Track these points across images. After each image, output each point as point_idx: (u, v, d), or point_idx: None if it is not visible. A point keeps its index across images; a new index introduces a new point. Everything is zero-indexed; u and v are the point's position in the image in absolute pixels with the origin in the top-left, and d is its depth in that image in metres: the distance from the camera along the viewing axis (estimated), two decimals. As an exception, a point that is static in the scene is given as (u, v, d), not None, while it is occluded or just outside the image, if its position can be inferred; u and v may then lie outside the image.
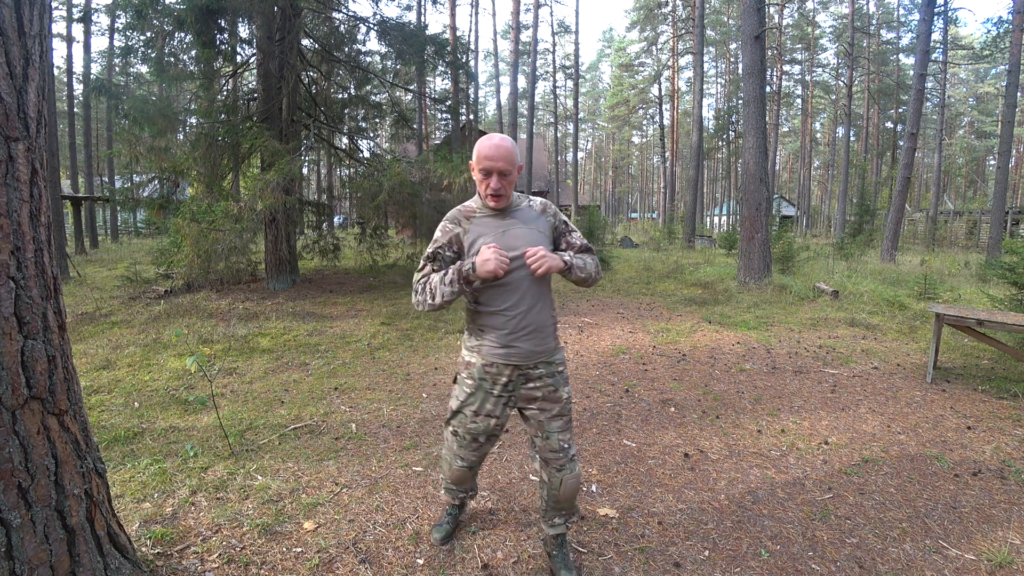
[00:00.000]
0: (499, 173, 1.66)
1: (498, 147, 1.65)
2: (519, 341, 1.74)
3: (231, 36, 8.18)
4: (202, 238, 6.55)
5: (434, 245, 1.77)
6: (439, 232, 1.78)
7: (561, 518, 1.90)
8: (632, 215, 60.47)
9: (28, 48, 1.49)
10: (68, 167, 21.65)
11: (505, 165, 1.65)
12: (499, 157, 1.65)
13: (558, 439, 1.80)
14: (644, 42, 36.01)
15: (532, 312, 1.74)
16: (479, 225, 1.75)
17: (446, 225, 1.78)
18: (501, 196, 1.70)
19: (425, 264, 1.77)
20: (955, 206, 29.82)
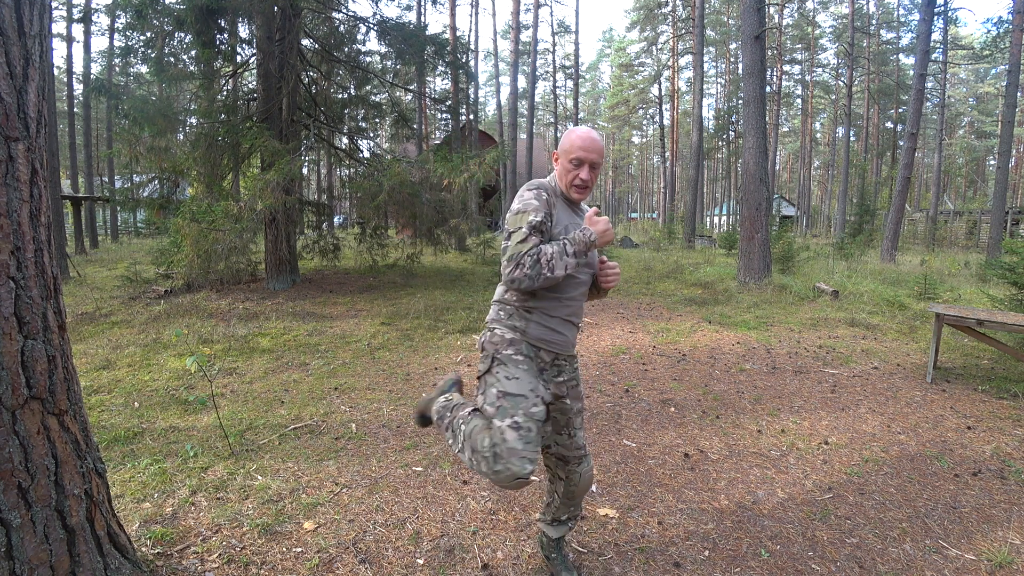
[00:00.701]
0: (591, 165, 1.66)
1: (594, 140, 1.66)
2: (565, 328, 1.71)
3: (231, 36, 8.18)
4: (202, 238, 6.55)
5: (537, 215, 1.59)
6: (535, 201, 1.61)
7: (567, 515, 1.90)
8: (632, 215, 60.48)
9: (28, 48, 1.49)
10: (68, 167, 21.65)
11: (598, 158, 1.66)
12: (594, 149, 1.65)
13: (580, 436, 1.81)
14: (644, 42, 36.00)
15: (581, 307, 1.77)
16: (561, 208, 1.70)
17: (541, 194, 1.64)
18: (587, 188, 1.70)
19: (531, 234, 1.57)
20: (955, 206, 29.82)
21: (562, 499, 1.86)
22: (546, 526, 1.93)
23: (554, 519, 1.91)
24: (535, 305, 1.67)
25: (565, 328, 1.71)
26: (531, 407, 1.56)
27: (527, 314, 1.68)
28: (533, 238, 1.57)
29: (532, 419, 1.54)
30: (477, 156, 8.27)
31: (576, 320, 1.75)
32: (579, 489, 1.83)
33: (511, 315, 1.70)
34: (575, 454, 1.79)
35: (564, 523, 1.91)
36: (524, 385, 1.59)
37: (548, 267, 1.54)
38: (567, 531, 1.93)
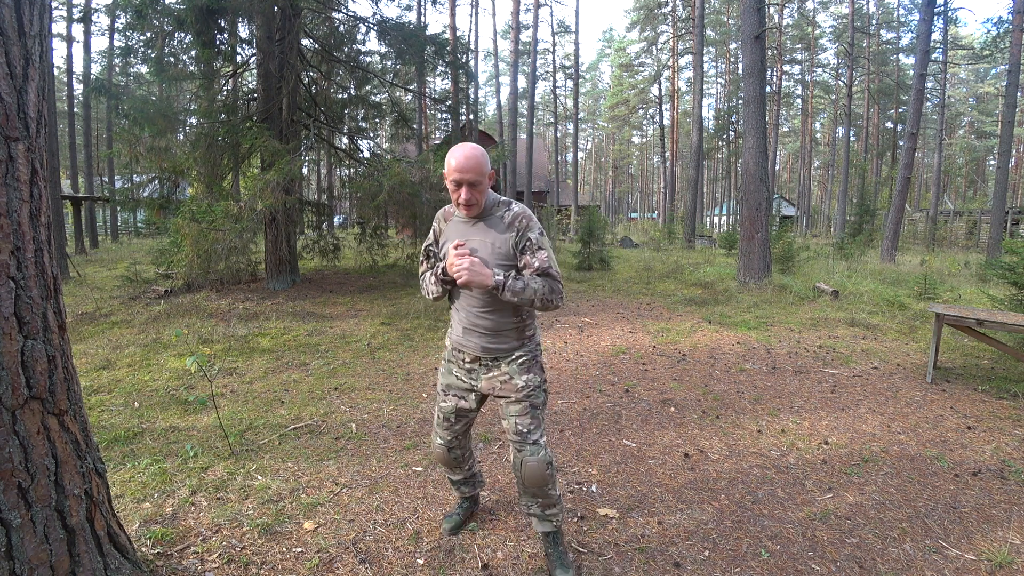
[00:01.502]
0: (469, 184, 1.72)
1: (468, 158, 1.69)
2: (472, 337, 1.88)
3: (231, 36, 8.17)
4: (202, 238, 6.55)
5: (426, 243, 1.98)
6: (431, 230, 1.98)
7: (537, 507, 1.91)
8: (632, 215, 60.47)
9: (28, 48, 1.49)
10: (68, 167, 21.65)
11: (474, 176, 1.71)
12: (468, 168, 1.69)
13: (515, 422, 1.87)
14: (644, 42, 36.00)
15: (485, 315, 1.84)
16: (452, 228, 1.89)
17: (434, 224, 1.97)
18: (472, 205, 1.77)
19: (424, 259, 1.98)
20: (955, 206, 29.82)
21: (516, 484, 2.01)
22: (530, 520, 2.00)
23: (529, 511, 1.95)
24: (452, 313, 1.97)
25: (467, 336, 1.89)
26: (441, 401, 2.02)
27: (452, 318, 1.99)
28: (426, 262, 1.97)
29: (441, 410, 2.02)
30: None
31: (476, 329, 1.86)
32: (524, 477, 1.87)
33: (449, 321, 2.02)
34: (513, 439, 1.89)
35: (543, 517, 1.92)
36: (440, 383, 2.04)
37: (425, 289, 1.92)
38: (553, 527, 1.93)
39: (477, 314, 1.85)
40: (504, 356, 1.88)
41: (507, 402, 1.88)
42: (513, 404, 1.87)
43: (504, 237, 1.78)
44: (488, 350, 1.87)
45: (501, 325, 1.85)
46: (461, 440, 2.06)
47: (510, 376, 1.87)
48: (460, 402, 1.97)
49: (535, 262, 1.76)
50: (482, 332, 1.86)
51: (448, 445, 2.04)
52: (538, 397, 1.89)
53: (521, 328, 1.89)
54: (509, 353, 1.88)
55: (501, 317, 1.84)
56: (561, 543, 1.96)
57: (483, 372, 1.91)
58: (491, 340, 1.86)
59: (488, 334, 1.85)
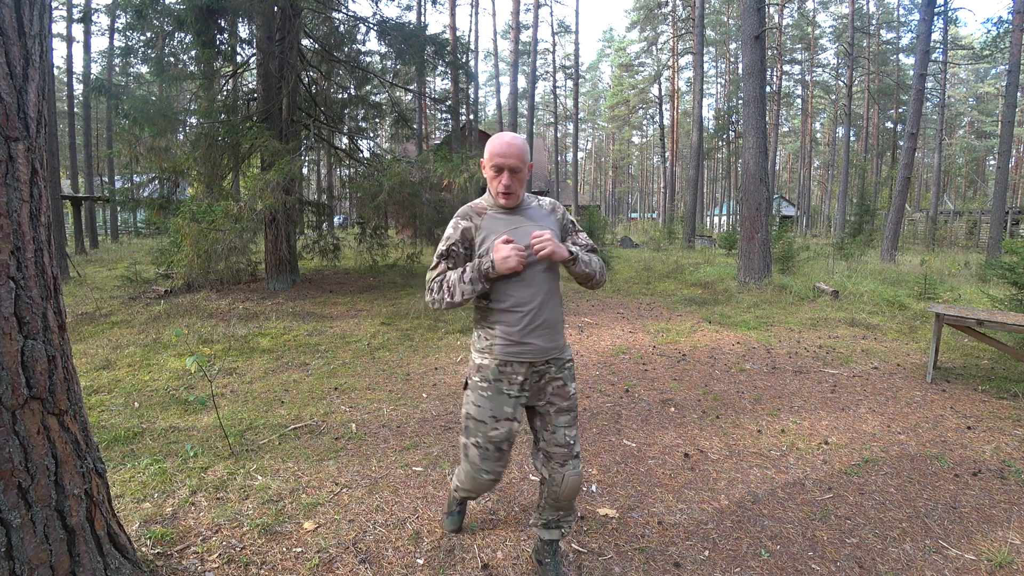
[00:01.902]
0: (510, 170, 1.67)
1: (510, 144, 1.66)
2: (532, 337, 1.70)
3: (231, 36, 8.17)
4: (202, 238, 6.55)
5: (447, 242, 1.73)
6: (451, 229, 1.75)
7: (557, 519, 1.86)
8: (632, 215, 60.48)
9: (28, 48, 1.49)
10: (68, 167, 21.65)
11: (517, 162, 1.66)
12: (511, 154, 1.65)
13: (564, 434, 1.76)
14: (644, 42, 36.01)
15: (545, 308, 1.71)
16: (490, 222, 1.73)
17: (458, 221, 1.75)
18: (512, 194, 1.70)
19: (439, 262, 1.73)
20: (955, 206, 29.81)
21: (546, 500, 1.83)
22: (540, 530, 1.91)
23: (544, 521, 1.88)
24: (496, 320, 1.72)
25: (531, 337, 1.70)
26: (490, 431, 1.73)
27: (492, 331, 1.74)
28: (441, 264, 1.72)
29: (491, 441, 1.74)
30: (477, 156, 8.27)
31: (543, 325, 1.71)
32: (562, 492, 1.77)
33: (480, 337, 1.78)
34: (557, 452, 1.76)
35: (556, 527, 1.87)
36: (484, 412, 1.74)
37: (449, 293, 1.66)
38: (560, 536, 1.89)
39: (541, 305, 1.70)
40: (557, 355, 1.76)
41: (556, 411, 1.76)
42: (564, 414, 1.77)
43: (552, 220, 1.79)
44: (547, 351, 1.73)
45: (557, 319, 1.75)
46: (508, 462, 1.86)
47: (564, 382, 1.77)
48: (512, 424, 1.74)
49: (581, 241, 1.83)
50: (544, 330, 1.71)
51: (499, 476, 1.81)
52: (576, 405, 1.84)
53: (563, 322, 1.83)
54: (562, 352, 1.78)
55: (558, 311, 1.76)
56: (559, 552, 1.94)
57: (535, 380, 1.76)
58: (550, 338, 1.73)
59: (549, 332, 1.72)
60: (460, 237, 1.73)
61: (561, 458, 1.76)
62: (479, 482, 1.80)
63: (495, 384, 1.73)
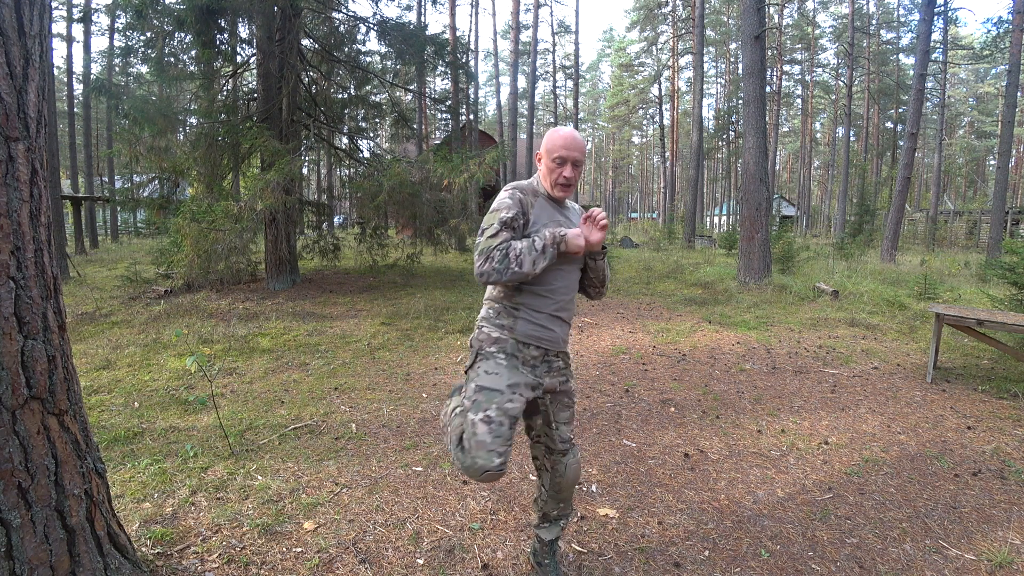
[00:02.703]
0: (573, 163, 1.69)
1: (575, 138, 1.70)
2: (554, 324, 1.72)
3: (231, 36, 8.18)
4: (202, 238, 6.55)
5: (509, 212, 1.65)
6: (510, 200, 1.67)
7: (557, 512, 1.88)
8: (632, 215, 60.46)
9: (28, 48, 1.49)
10: (68, 167, 21.65)
11: (580, 155, 1.70)
12: (575, 147, 1.68)
13: (565, 430, 1.83)
14: (644, 42, 36.00)
15: (570, 301, 1.78)
16: (541, 208, 1.73)
17: (516, 194, 1.69)
18: (570, 186, 1.73)
19: (502, 230, 1.63)
20: (955, 206, 29.82)
21: (548, 492, 1.87)
22: (539, 529, 1.92)
23: (543, 516, 1.90)
24: (522, 301, 1.70)
25: (554, 324, 1.72)
26: (505, 402, 1.58)
27: (515, 311, 1.70)
28: (504, 233, 1.61)
29: (506, 414, 1.57)
30: (477, 156, 8.28)
31: (565, 315, 1.75)
32: (565, 481, 1.83)
33: (499, 313, 1.73)
34: (559, 447, 1.82)
35: (555, 522, 1.90)
36: (501, 380, 1.62)
37: (516, 262, 1.56)
38: (559, 532, 1.91)
39: (570, 299, 1.75)
40: (565, 350, 1.82)
41: (559, 407, 1.81)
42: (565, 410, 1.82)
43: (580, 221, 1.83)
44: (561, 341, 1.77)
45: (573, 313, 1.82)
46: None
47: (567, 379, 1.82)
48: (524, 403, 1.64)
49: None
50: (564, 320, 1.76)
51: (506, 460, 1.57)
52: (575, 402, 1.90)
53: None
54: (566, 347, 1.83)
55: (574, 307, 1.82)
56: (558, 552, 1.95)
57: (544, 370, 1.75)
58: (566, 330, 1.79)
59: (566, 324, 1.79)
60: (521, 209, 1.67)
61: (563, 450, 1.83)
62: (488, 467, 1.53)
63: (512, 357, 1.68)
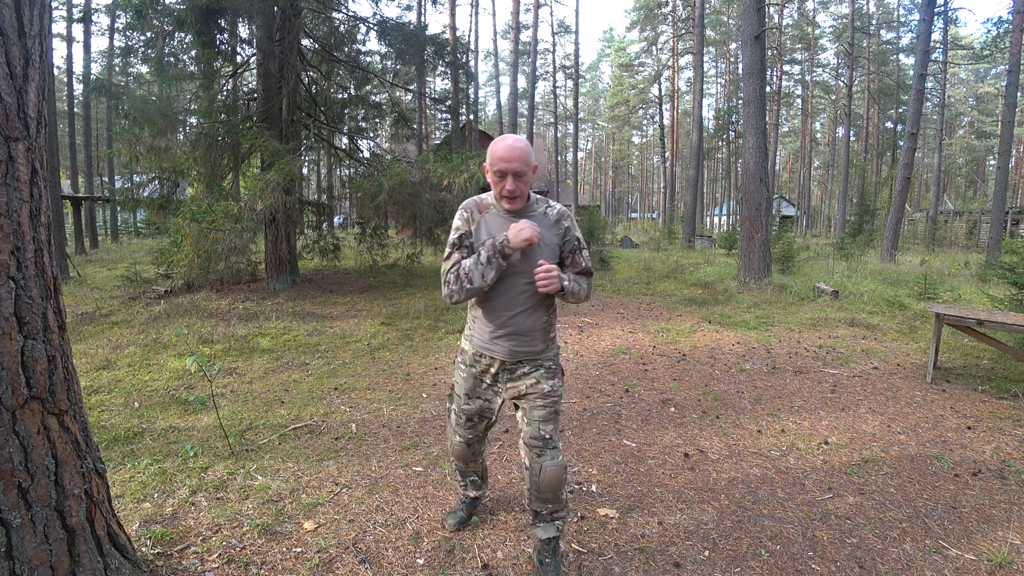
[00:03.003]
0: (514, 174, 1.66)
1: (512, 148, 1.65)
2: (501, 340, 1.80)
3: (231, 36, 8.17)
4: (202, 238, 6.54)
5: (457, 232, 1.77)
6: (458, 220, 1.79)
7: (547, 512, 1.88)
8: (632, 215, 60.46)
9: (28, 48, 1.49)
10: (68, 167, 21.65)
11: (520, 166, 1.65)
12: (514, 158, 1.64)
13: (539, 427, 1.82)
14: (644, 42, 36.02)
15: (519, 317, 1.77)
16: (490, 221, 1.76)
17: (463, 213, 1.79)
18: (516, 198, 1.70)
19: (452, 252, 1.75)
20: (955, 206, 29.82)
21: (530, 490, 1.88)
22: (535, 527, 1.94)
23: (535, 514, 1.92)
24: (476, 315, 1.86)
25: (503, 340, 1.79)
26: (463, 404, 1.95)
27: (473, 324, 1.89)
28: (455, 255, 1.75)
29: (463, 412, 1.96)
30: (477, 156, 8.27)
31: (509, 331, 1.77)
32: (542, 482, 1.82)
33: (469, 324, 1.93)
34: (533, 444, 1.83)
35: (549, 522, 1.90)
36: (461, 388, 1.95)
37: (467, 279, 1.69)
38: (556, 532, 1.90)
39: (514, 315, 1.77)
40: (529, 359, 1.83)
41: (532, 407, 1.83)
42: (539, 409, 1.82)
43: (551, 234, 1.77)
44: (515, 354, 1.80)
45: (533, 326, 1.80)
46: (482, 437, 2.05)
47: (537, 380, 1.82)
48: (485, 404, 1.93)
49: (581, 262, 1.83)
50: (514, 335, 1.78)
51: (468, 441, 2.02)
52: (560, 402, 1.88)
53: (547, 329, 1.85)
54: (537, 356, 1.83)
55: (536, 318, 1.79)
56: (559, 552, 1.94)
57: (506, 377, 1.85)
58: (521, 343, 1.80)
59: (518, 338, 1.79)
60: (467, 228, 1.78)
61: (538, 449, 1.83)
62: (453, 443, 2.05)
63: (470, 369, 1.90)
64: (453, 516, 2.20)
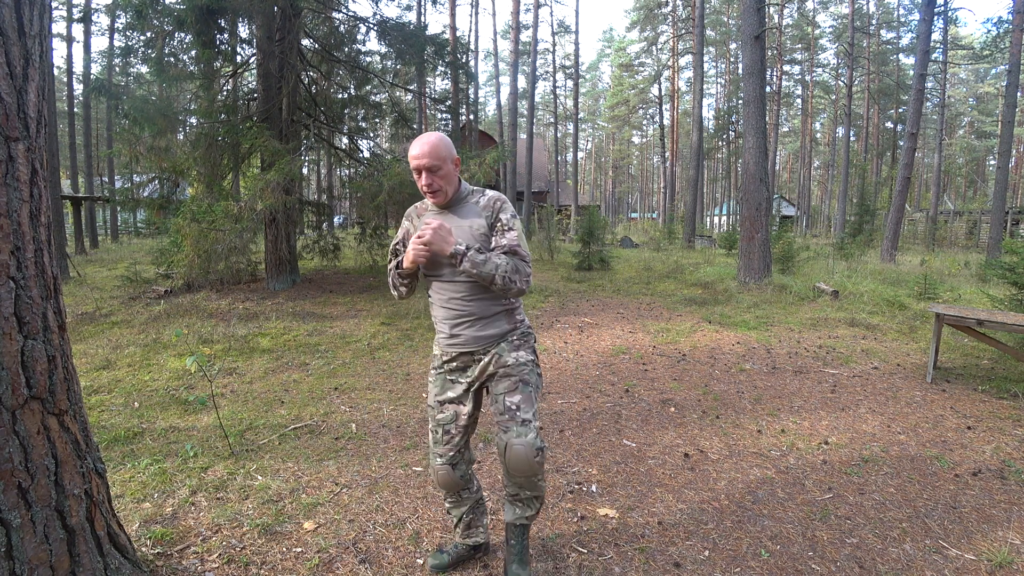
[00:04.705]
0: (427, 169, 1.69)
1: (423, 143, 1.70)
2: (461, 329, 1.80)
3: (231, 36, 8.17)
4: (202, 238, 6.54)
5: (393, 242, 1.92)
6: (400, 229, 1.92)
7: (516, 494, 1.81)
8: (632, 215, 60.43)
9: (28, 48, 1.49)
10: (68, 167, 21.65)
11: (430, 160, 1.68)
12: (423, 154, 1.68)
13: (505, 401, 1.75)
14: (644, 42, 36.00)
15: (472, 302, 1.77)
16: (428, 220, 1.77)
17: (404, 221, 1.92)
18: (437, 192, 1.73)
19: (391, 258, 1.91)
20: (955, 206, 29.82)
21: (503, 472, 1.82)
22: (504, 507, 1.90)
23: (506, 496, 1.86)
24: (436, 315, 1.87)
25: (464, 328, 1.80)
26: (437, 415, 1.87)
27: (436, 323, 1.89)
28: (392, 261, 1.87)
29: (439, 424, 1.87)
30: (477, 156, 8.28)
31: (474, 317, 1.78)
32: (508, 463, 1.73)
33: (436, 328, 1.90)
34: (499, 420, 1.77)
35: (515, 503, 1.83)
36: (432, 397, 1.90)
37: (392, 286, 1.86)
38: (519, 518, 1.83)
39: (465, 300, 1.76)
40: (495, 343, 1.80)
41: (495, 379, 1.79)
42: (503, 380, 1.77)
43: (481, 220, 1.77)
44: (480, 339, 1.78)
45: (491, 309, 1.78)
46: (464, 453, 1.89)
47: (499, 355, 1.78)
48: (459, 407, 1.84)
49: (503, 241, 1.74)
50: (472, 320, 1.77)
51: (451, 462, 1.85)
52: (530, 374, 1.79)
53: (511, 311, 1.83)
54: (501, 339, 1.80)
55: (491, 301, 1.78)
56: (527, 538, 1.87)
57: (476, 364, 1.82)
58: (482, 327, 1.77)
59: (478, 323, 1.77)
60: (403, 237, 1.90)
61: (504, 423, 1.75)
62: (433, 467, 1.90)
63: (438, 372, 1.89)
64: (436, 556, 1.95)
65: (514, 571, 1.81)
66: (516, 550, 1.84)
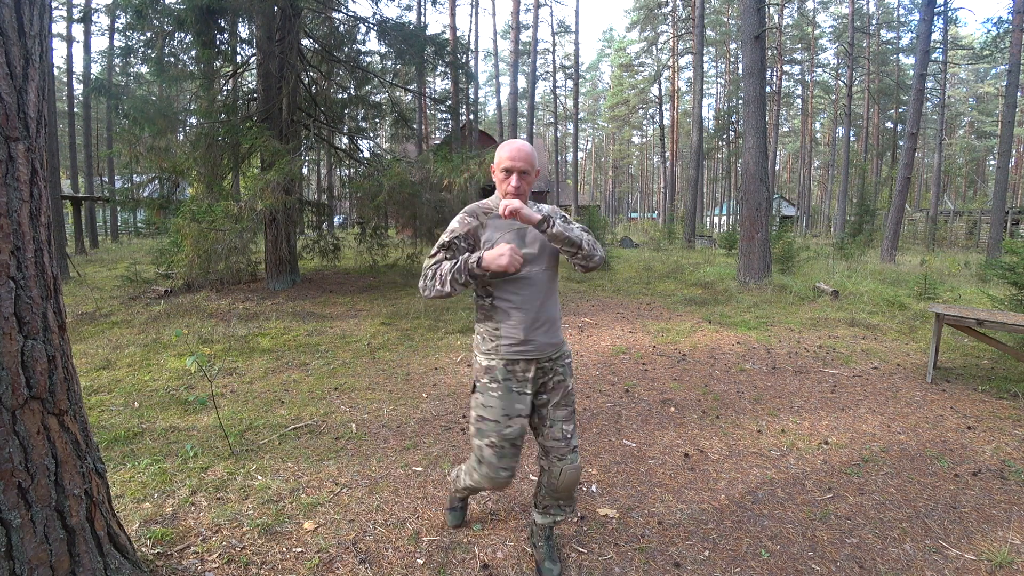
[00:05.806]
0: (519, 173, 1.74)
1: (520, 149, 1.75)
2: (535, 334, 1.78)
3: (231, 36, 8.17)
4: (202, 238, 6.54)
5: (450, 235, 1.79)
6: (457, 223, 1.80)
7: (557, 508, 1.93)
8: (632, 215, 60.45)
9: (28, 48, 1.49)
10: (68, 167, 21.65)
11: (525, 165, 1.74)
12: (520, 158, 1.74)
13: (561, 428, 1.84)
14: (644, 42, 36.01)
15: (546, 307, 1.80)
16: (495, 223, 1.81)
17: (465, 218, 1.81)
18: (521, 195, 1.76)
19: (438, 251, 1.78)
20: (955, 206, 29.82)
21: (545, 489, 1.91)
22: (534, 512, 1.99)
23: (541, 507, 1.95)
24: (500, 322, 1.79)
25: (534, 333, 1.78)
26: (503, 429, 1.78)
27: (496, 332, 1.81)
28: (440, 254, 1.77)
29: (506, 439, 1.78)
30: (477, 156, 8.27)
31: (544, 319, 1.79)
32: (560, 484, 1.85)
33: (484, 339, 1.84)
34: (554, 446, 1.84)
35: (550, 513, 1.94)
36: (497, 411, 1.78)
37: (440, 281, 1.72)
38: (553, 521, 1.95)
39: (540, 308, 1.78)
40: (558, 351, 1.85)
41: (554, 406, 1.84)
42: (561, 408, 1.85)
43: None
44: (549, 346, 1.81)
45: (556, 315, 1.84)
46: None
47: (563, 377, 1.85)
48: (525, 421, 1.82)
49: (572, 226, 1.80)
50: (545, 327, 1.80)
51: (514, 472, 1.85)
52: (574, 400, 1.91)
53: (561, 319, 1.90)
54: (561, 347, 1.86)
55: (556, 308, 1.84)
56: (553, 537, 2.00)
57: (540, 376, 1.84)
58: (552, 334, 1.81)
59: (550, 328, 1.81)
60: (464, 232, 1.79)
61: (559, 452, 1.85)
62: (498, 480, 1.83)
63: (505, 384, 1.79)
64: (454, 515, 2.22)
65: (547, 567, 1.92)
66: (547, 549, 1.96)
